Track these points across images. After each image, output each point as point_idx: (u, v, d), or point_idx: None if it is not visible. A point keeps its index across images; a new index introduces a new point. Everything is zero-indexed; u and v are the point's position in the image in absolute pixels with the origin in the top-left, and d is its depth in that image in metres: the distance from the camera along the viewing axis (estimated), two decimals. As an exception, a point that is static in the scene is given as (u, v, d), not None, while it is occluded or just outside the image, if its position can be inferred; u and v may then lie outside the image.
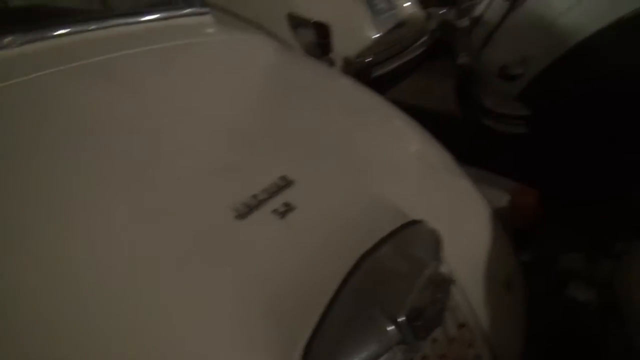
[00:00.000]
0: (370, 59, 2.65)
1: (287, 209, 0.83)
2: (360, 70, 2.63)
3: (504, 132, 2.17)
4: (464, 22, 3.16)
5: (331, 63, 2.59)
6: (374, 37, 2.89)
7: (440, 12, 3.37)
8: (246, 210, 0.81)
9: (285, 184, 0.87)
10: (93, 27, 1.25)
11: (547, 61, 2.10)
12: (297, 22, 2.61)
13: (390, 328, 0.71)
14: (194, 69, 1.20)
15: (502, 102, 2.21)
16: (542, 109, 2.08)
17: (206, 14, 1.66)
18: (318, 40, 2.56)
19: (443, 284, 0.78)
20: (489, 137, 2.21)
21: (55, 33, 1.16)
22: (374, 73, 2.72)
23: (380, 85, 2.85)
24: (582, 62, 2.01)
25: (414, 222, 0.88)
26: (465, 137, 2.75)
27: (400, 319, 0.71)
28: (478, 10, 2.98)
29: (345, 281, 0.73)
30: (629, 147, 1.95)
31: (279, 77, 1.29)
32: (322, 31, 2.55)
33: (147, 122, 0.97)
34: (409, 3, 3.32)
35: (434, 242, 0.86)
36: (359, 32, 2.87)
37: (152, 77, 1.11)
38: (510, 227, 1.21)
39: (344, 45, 2.69)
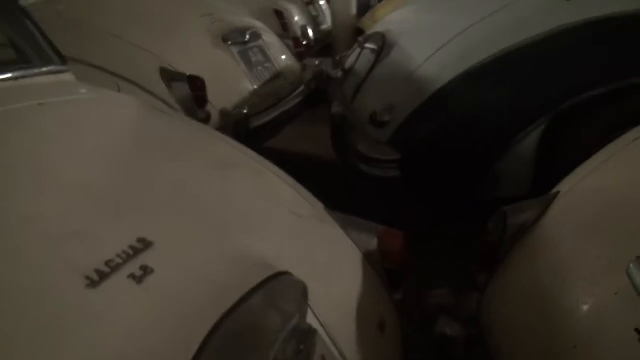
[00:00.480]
0: (247, 110, 2.67)
1: (144, 273, 0.80)
2: (238, 122, 2.65)
3: (377, 175, 2.27)
4: (337, 73, 3.32)
5: (207, 116, 2.59)
6: (250, 88, 2.94)
7: (316, 62, 3.52)
8: (98, 278, 0.77)
9: (143, 246, 0.84)
10: None
11: (410, 109, 2.25)
12: (170, 76, 2.60)
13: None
14: (47, 131, 1.14)
15: (373, 147, 2.32)
16: (409, 152, 2.21)
17: (66, 71, 1.60)
18: (193, 93, 2.56)
19: (307, 335, 0.78)
20: (363, 180, 2.31)
21: None
22: (252, 124, 2.75)
23: (259, 135, 2.89)
24: (439, 109, 2.18)
25: (278, 274, 0.88)
26: (342, 180, 2.86)
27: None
28: (349, 61, 3.15)
29: (205, 343, 0.71)
30: (480, 186, 2.13)
31: (141, 135, 1.26)
32: (196, 84, 2.55)
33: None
34: (284, 55, 3.43)
35: (300, 293, 0.87)
36: (234, 85, 2.91)
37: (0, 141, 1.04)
38: (381, 268, 1.25)
39: (220, 97, 2.71)
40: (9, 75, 1.36)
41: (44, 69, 1.51)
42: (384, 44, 2.74)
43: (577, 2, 2.16)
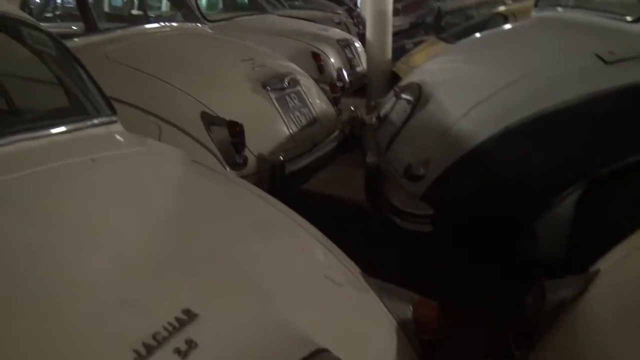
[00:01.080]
0: (283, 156, 2.71)
1: (189, 348, 0.82)
2: (274, 167, 2.69)
3: (410, 230, 2.26)
4: (372, 119, 3.35)
5: (244, 161, 2.63)
6: (287, 134, 2.99)
7: (351, 108, 3.55)
8: (146, 352, 0.79)
9: (188, 318, 0.86)
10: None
11: (446, 164, 2.25)
12: (211, 121, 2.66)
13: None
14: (98, 189, 1.18)
15: (407, 201, 2.31)
16: (443, 209, 2.20)
17: (115, 122, 1.67)
18: (232, 139, 2.61)
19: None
20: (396, 233, 2.30)
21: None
22: (288, 169, 2.79)
23: (295, 180, 2.93)
24: (476, 167, 2.18)
25: (319, 351, 0.89)
26: (374, 228, 2.85)
27: None
28: (384, 110, 3.18)
29: None
30: (515, 246, 2.10)
31: (185, 194, 1.29)
32: (235, 130, 2.61)
33: (45, 252, 0.93)
34: (321, 101, 3.48)
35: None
36: (272, 130, 2.96)
37: (52, 200, 1.08)
38: (416, 338, 1.24)
39: (258, 142, 2.76)
40: (63, 129, 1.42)
41: (96, 121, 1.57)
42: (420, 96, 2.76)
43: (617, 66, 2.15)
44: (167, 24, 3.72)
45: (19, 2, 2.88)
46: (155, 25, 3.57)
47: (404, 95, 2.85)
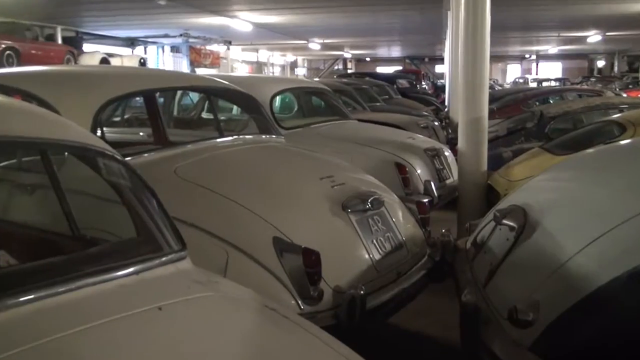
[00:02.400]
0: (364, 289, 2.69)
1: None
2: (353, 302, 2.66)
3: (518, 388, 2.13)
4: (466, 244, 3.30)
5: (320, 294, 2.63)
6: (368, 263, 2.98)
7: (442, 230, 3.53)
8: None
9: None
10: (56, 290, 1.28)
11: (560, 309, 2.14)
12: (283, 247, 2.71)
13: None
14: (164, 344, 1.21)
15: (513, 351, 2.20)
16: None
17: (184, 258, 1.74)
18: (306, 269, 2.63)
19: None
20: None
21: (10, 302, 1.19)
22: (369, 303, 2.75)
23: (377, 315, 2.88)
24: (599, 313, 2.05)
25: None
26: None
27: None
28: (482, 235, 3.13)
29: None
30: None
31: (256, 354, 1.30)
32: (311, 259, 2.64)
33: None
34: (407, 223, 3.49)
35: None
36: (351, 258, 2.98)
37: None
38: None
39: (335, 273, 2.77)
40: (131, 270, 1.49)
41: (165, 258, 1.64)
42: (525, 222, 2.71)
43: None
44: (239, 136, 3.96)
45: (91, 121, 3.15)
46: (228, 139, 3.79)
47: (506, 221, 2.80)
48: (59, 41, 17.46)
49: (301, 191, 3.21)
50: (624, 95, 12.64)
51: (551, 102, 10.72)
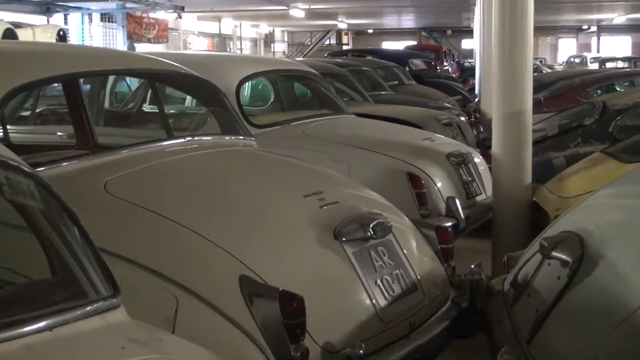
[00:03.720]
0: (364, 347, 2.69)
1: None
2: (351, 364, 2.67)
3: None
4: (504, 283, 3.31)
5: (304, 354, 2.63)
6: (370, 310, 3.00)
7: (472, 266, 3.53)
8: None
9: None
10: None
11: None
12: (253, 290, 2.73)
13: None
14: None
15: None
16: None
17: (116, 307, 1.73)
18: (285, 319, 2.64)
19: None
20: None
21: None
22: (371, 367, 2.76)
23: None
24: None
25: None
26: None
27: None
28: (524, 271, 3.14)
29: None
30: None
31: None
32: (291, 306, 2.65)
33: None
34: (423, 256, 3.51)
35: None
36: (346, 304, 3.00)
37: None
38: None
39: (324, 325, 2.80)
40: (43, 324, 1.48)
41: (90, 307, 1.63)
42: (582, 255, 2.73)
43: None
44: (194, 138, 3.96)
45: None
46: (179, 141, 3.80)
47: (557, 254, 2.82)
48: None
49: (278, 213, 3.21)
50: None
51: (618, 90, 10.80)
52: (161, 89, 5.00)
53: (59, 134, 5.11)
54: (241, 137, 4.19)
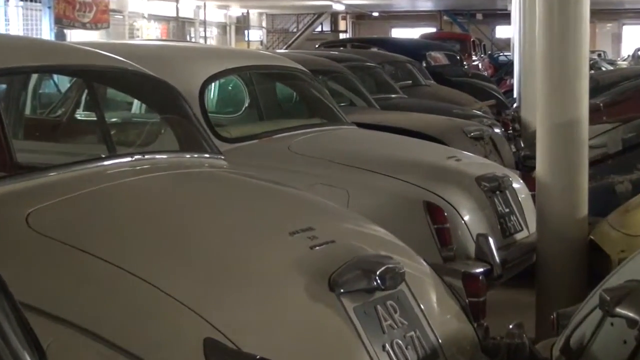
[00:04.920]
0: None
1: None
2: None
3: None
4: (554, 352, 3.32)
5: None
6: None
7: (512, 325, 3.54)
8: None
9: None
10: None
11: None
12: (223, 356, 2.72)
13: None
14: None
15: None
16: None
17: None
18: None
19: None
20: None
21: None
22: None
23: None
24: None
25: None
26: None
27: None
28: (578, 332, 3.16)
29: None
30: None
31: None
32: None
33: None
34: (446, 313, 3.53)
35: None
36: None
37: None
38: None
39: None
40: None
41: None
42: (656, 312, 2.75)
43: None
44: (145, 156, 3.94)
45: None
46: (124, 160, 3.79)
47: (622, 310, 2.84)
48: None
49: (256, 257, 3.21)
50: None
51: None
52: (100, 91, 5.01)
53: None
54: (206, 155, 4.20)
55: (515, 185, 6.01)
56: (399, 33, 39.94)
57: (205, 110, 5.56)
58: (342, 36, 38.53)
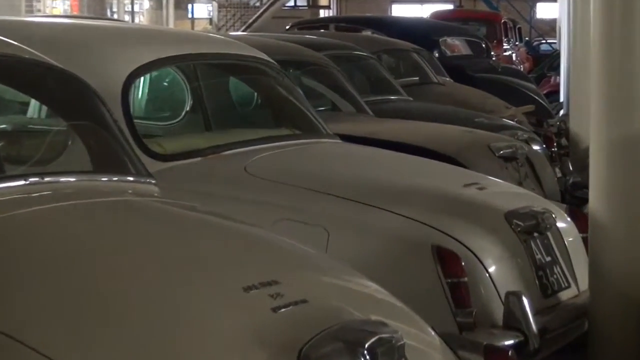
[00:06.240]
0: None
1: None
2: None
3: None
4: None
5: None
6: None
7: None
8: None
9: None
10: None
11: None
12: None
13: None
14: None
15: None
16: None
17: None
18: None
19: None
20: None
21: None
22: None
23: None
24: None
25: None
26: None
27: None
28: None
29: None
30: None
31: None
32: None
33: None
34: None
35: None
36: None
37: None
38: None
39: None
40: None
41: None
42: None
43: None
44: (43, 179, 3.94)
45: None
46: (18, 184, 3.79)
47: None
48: None
49: (195, 325, 3.20)
50: None
51: None
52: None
53: None
54: (130, 178, 4.21)
55: (560, 224, 6.03)
56: (402, 11, 40.08)
57: (130, 116, 5.57)
58: (323, 13, 38.61)
